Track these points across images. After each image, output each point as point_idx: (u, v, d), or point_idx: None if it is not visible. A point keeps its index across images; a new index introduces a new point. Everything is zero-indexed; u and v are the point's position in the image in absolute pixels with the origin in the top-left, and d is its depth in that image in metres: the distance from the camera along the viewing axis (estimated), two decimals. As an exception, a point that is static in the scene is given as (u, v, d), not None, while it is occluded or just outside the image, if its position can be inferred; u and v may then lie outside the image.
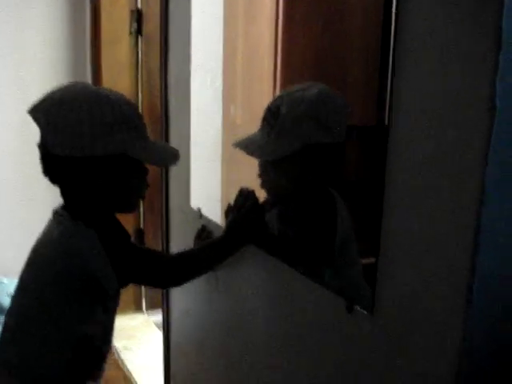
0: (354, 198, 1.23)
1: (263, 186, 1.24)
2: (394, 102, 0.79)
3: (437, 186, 0.73)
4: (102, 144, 1.07)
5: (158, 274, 1.21)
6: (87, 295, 1.14)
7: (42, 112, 1.10)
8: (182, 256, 1.25)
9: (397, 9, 0.78)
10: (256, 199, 1.20)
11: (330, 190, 1.21)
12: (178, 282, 1.30)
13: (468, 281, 0.68)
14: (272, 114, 1.15)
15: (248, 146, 1.19)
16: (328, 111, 1.12)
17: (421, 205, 0.75)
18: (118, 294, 1.23)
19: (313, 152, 1.13)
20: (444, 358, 0.73)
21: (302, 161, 1.15)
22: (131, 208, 1.25)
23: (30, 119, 1.12)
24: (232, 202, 1.24)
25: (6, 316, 1.22)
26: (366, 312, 0.88)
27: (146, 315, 3.09)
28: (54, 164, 1.12)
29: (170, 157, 1.23)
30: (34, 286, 1.18)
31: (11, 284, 2.24)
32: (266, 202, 1.26)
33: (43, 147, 1.11)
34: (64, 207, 1.17)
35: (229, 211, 1.24)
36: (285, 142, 1.13)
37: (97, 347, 1.20)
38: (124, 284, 1.18)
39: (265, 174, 1.22)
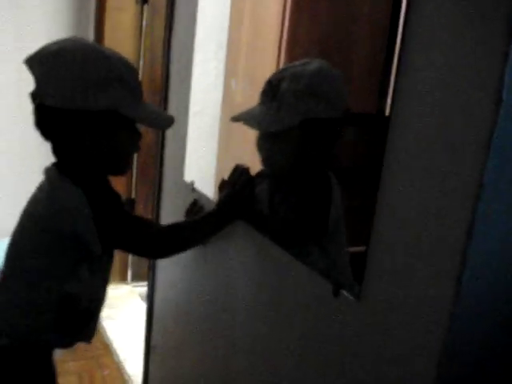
0: (349, 183, 1.23)
1: (261, 159, 1.23)
2: (397, 92, 0.78)
3: (433, 178, 0.72)
4: (93, 97, 1.06)
5: (144, 242, 1.18)
6: (71, 254, 1.13)
7: (38, 62, 1.08)
8: (171, 227, 1.23)
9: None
10: (250, 176, 1.20)
11: (327, 172, 1.20)
12: (165, 252, 1.26)
13: (458, 272, 0.68)
14: (272, 88, 1.14)
15: (247, 118, 1.18)
16: (329, 86, 1.12)
17: (416, 194, 0.74)
18: (110, 258, 1.22)
19: (313, 126, 1.12)
20: (428, 350, 0.73)
21: (302, 135, 1.14)
22: (120, 170, 1.21)
23: (26, 93, 1.10)
24: (226, 178, 1.23)
25: None
26: (352, 297, 0.88)
27: (130, 286, 3.10)
28: (46, 116, 1.11)
29: (163, 120, 1.21)
30: (22, 245, 1.18)
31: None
32: (259, 174, 1.26)
33: (37, 98, 1.10)
34: (54, 164, 1.16)
35: (222, 186, 1.24)
36: (285, 115, 1.12)
37: (84, 308, 1.18)
38: (108, 247, 1.16)
39: (263, 148, 1.21)
